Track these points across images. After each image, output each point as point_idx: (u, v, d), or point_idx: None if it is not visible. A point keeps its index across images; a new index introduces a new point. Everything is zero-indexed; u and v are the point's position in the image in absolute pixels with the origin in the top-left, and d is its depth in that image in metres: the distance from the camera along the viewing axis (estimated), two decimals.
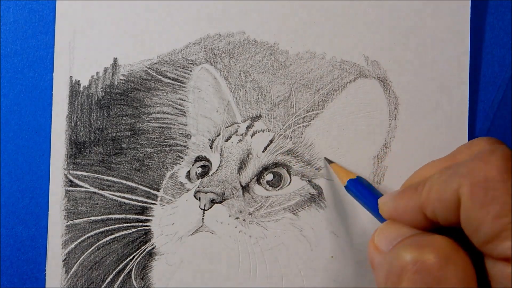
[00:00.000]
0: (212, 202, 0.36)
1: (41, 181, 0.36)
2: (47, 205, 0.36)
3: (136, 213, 0.36)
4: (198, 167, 0.36)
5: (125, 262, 0.36)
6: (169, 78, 0.37)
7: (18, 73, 0.37)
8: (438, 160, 0.25)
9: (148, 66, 0.37)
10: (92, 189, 0.36)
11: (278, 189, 0.36)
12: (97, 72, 0.37)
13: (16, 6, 0.37)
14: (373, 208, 0.30)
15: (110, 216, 0.36)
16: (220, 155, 0.36)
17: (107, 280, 0.36)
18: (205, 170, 0.36)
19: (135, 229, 0.36)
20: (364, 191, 0.32)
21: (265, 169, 0.36)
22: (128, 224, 0.36)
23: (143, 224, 0.36)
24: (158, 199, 0.36)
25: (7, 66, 0.37)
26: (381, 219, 0.28)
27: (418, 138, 0.36)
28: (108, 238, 0.36)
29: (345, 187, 0.34)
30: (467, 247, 0.21)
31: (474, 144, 0.22)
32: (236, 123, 0.37)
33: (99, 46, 0.37)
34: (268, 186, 0.36)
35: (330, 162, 0.36)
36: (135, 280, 0.36)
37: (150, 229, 0.36)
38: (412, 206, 0.23)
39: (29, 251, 0.36)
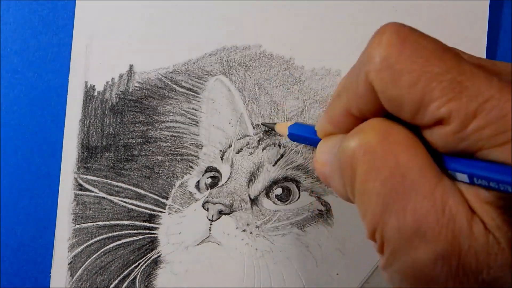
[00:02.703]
0: (220, 213, 0.36)
1: (51, 183, 0.36)
2: (55, 208, 0.36)
3: (144, 220, 0.36)
4: (208, 178, 0.36)
5: (130, 268, 0.36)
6: (183, 87, 0.37)
7: (34, 74, 0.37)
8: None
9: (163, 75, 0.37)
10: (101, 194, 0.36)
11: (287, 204, 0.36)
12: (112, 78, 0.37)
13: (35, 8, 0.37)
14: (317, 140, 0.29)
15: (117, 222, 0.36)
16: (231, 167, 0.36)
17: (112, 286, 0.36)
18: (215, 181, 0.36)
19: (142, 236, 0.36)
20: (305, 130, 0.31)
21: (275, 183, 0.36)
22: (135, 231, 0.36)
23: (150, 231, 0.36)
24: (167, 207, 0.36)
25: (24, 67, 0.37)
26: None
27: None
28: (114, 244, 0.36)
29: (288, 135, 0.33)
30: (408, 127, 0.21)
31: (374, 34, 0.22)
32: (248, 135, 0.37)
33: (115, 52, 0.37)
34: (276, 200, 0.36)
35: (271, 125, 0.35)
36: (139, 287, 0.36)
37: (157, 237, 0.36)
38: (340, 111, 0.23)
39: (35, 252, 0.37)
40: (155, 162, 0.36)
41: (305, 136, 0.31)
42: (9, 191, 0.37)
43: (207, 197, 0.36)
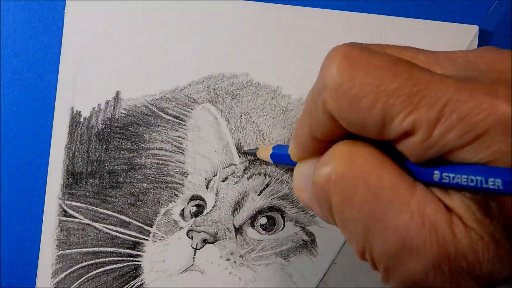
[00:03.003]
0: (204, 241, 0.36)
1: (36, 209, 0.36)
2: (39, 234, 0.36)
3: (128, 248, 0.36)
4: (192, 206, 0.36)
5: None
6: (170, 115, 0.37)
7: (20, 100, 0.37)
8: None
9: (150, 102, 0.37)
10: (86, 221, 0.36)
11: (271, 233, 0.36)
12: (98, 104, 0.37)
13: (22, 32, 0.37)
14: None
15: (101, 248, 0.36)
16: (216, 196, 0.36)
17: None
18: (200, 210, 0.36)
19: (126, 264, 0.36)
20: (283, 154, 0.31)
21: (260, 212, 0.36)
22: (119, 258, 0.36)
23: (134, 259, 0.36)
24: (151, 235, 0.36)
25: (10, 93, 0.37)
26: None
27: None
28: (98, 271, 0.36)
29: (271, 158, 0.33)
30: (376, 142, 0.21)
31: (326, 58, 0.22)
32: (233, 164, 0.37)
33: (102, 79, 0.37)
34: (261, 229, 0.36)
35: (253, 151, 0.36)
36: None
37: (140, 264, 0.36)
38: (306, 137, 0.23)
39: (19, 277, 0.36)
40: (140, 190, 0.36)
41: (284, 161, 0.31)
42: None
43: (191, 226, 0.36)
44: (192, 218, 0.36)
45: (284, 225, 0.36)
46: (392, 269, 0.20)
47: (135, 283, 0.36)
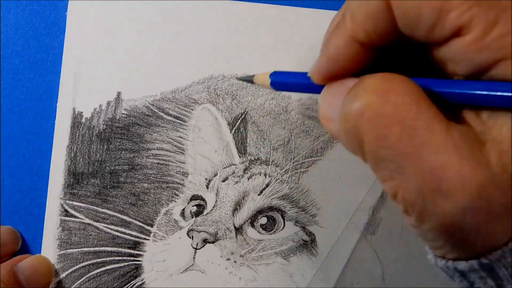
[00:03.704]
0: (205, 241, 0.36)
1: (37, 209, 0.37)
2: (41, 233, 0.36)
3: (129, 247, 0.36)
4: (193, 206, 0.37)
5: None
6: (170, 115, 0.37)
7: (22, 101, 0.37)
8: None
9: (150, 102, 0.37)
10: (87, 221, 0.36)
11: (271, 233, 0.36)
12: (100, 105, 0.37)
13: (23, 32, 0.37)
14: (307, 86, 0.25)
15: (102, 248, 0.36)
16: (216, 195, 0.36)
17: None
18: (200, 209, 0.36)
19: (126, 263, 0.36)
20: (289, 76, 0.27)
21: (260, 212, 0.36)
22: (120, 258, 0.36)
23: (135, 258, 0.36)
24: (151, 235, 0.36)
25: (11, 93, 0.37)
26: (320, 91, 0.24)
27: None
28: (99, 270, 0.36)
29: (271, 84, 0.28)
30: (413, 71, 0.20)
31: None
32: (234, 164, 0.37)
33: (103, 79, 0.37)
34: (261, 229, 0.36)
35: (248, 78, 0.30)
36: None
37: (141, 264, 0.36)
38: (343, 42, 0.21)
39: None
40: (141, 190, 0.37)
41: (292, 84, 0.27)
42: None
43: (192, 225, 0.36)
44: (192, 218, 0.36)
45: (284, 225, 0.36)
46: (427, 212, 0.19)
47: (136, 283, 0.36)
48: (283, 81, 0.27)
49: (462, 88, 0.19)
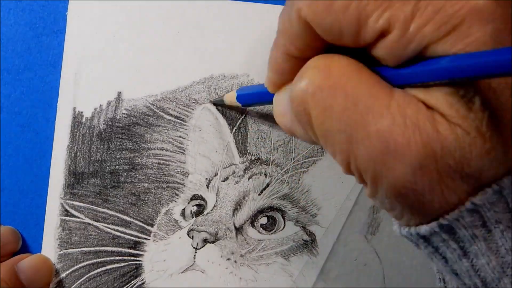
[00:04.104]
0: (205, 241, 0.36)
1: (37, 208, 0.37)
2: (41, 233, 0.36)
3: (129, 247, 0.36)
4: (193, 206, 0.37)
5: None
6: (171, 115, 0.37)
7: (22, 100, 0.37)
8: None
9: (151, 102, 0.37)
10: (87, 220, 0.36)
11: (272, 233, 0.36)
12: (100, 105, 0.37)
13: (23, 33, 0.37)
14: (267, 95, 0.27)
15: (103, 248, 0.36)
16: (216, 195, 0.36)
17: None
18: (200, 209, 0.36)
19: (127, 263, 0.36)
20: (253, 89, 0.31)
21: (260, 212, 0.36)
22: (120, 258, 0.36)
23: (135, 258, 0.36)
24: (152, 234, 0.36)
25: (12, 93, 0.37)
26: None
27: None
28: (99, 270, 0.36)
29: (237, 99, 0.32)
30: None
31: None
32: (234, 164, 0.37)
33: (104, 79, 0.37)
34: (261, 229, 0.36)
35: (219, 99, 0.35)
36: None
37: (141, 264, 0.36)
38: (282, 58, 0.23)
39: None
40: (141, 189, 0.37)
41: (255, 94, 0.30)
42: None
43: (192, 225, 0.36)
44: (192, 217, 0.36)
45: (284, 225, 0.36)
46: (380, 176, 0.20)
47: (136, 283, 0.36)
48: (247, 93, 0.30)
49: (396, 72, 0.20)
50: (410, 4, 0.18)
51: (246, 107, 0.34)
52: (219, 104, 0.36)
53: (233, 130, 0.37)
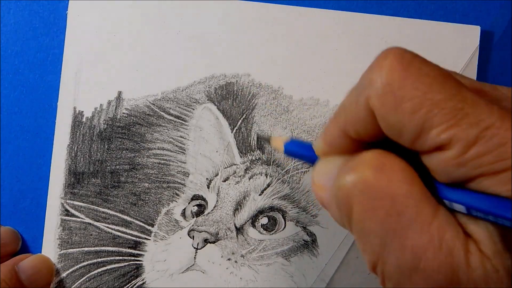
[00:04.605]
0: (206, 241, 0.36)
1: (38, 208, 0.37)
2: (42, 233, 0.36)
3: (129, 247, 0.36)
4: (194, 206, 0.36)
5: None
6: (171, 115, 0.37)
7: (22, 100, 0.37)
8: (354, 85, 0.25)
9: (151, 102, 0.37)
10: (88, 220, 0.36)
11: (272, 233, 0.36)
12: (100, 104, 0.37)
13: (23, 32, 0.37)
14: (312, 158, 0.28)
15: (103, 248, 0.36)
16: (217, 195, 0.36)
17: None
18: (201, 209, 0.36)
19: (127, 263, 0.36)
20: (300, 147, 0.30)
21: (261, 212, 0.36)
22: (121, 258, 0.36)
23: (135, 258, 0.36)
24: (152, 234, 0.36)
25: (12, 93, 0.37)
26: None
27: None
28: (99, 270, 0.36)
29: (284, 152, 0.31)
30: (404, 155, 0.21)
31: (377, 57, 0.22)
32: (235, 164, 0.37)
33: (104, 79, 0.37)
34: (262, 229, 0.36)
35: (266, 137, 0.34)
36: None
37: (142, 264, 0.36)
38: (338, 133, 0.23)
39: None
40: (141, 189, 0.37)
41: (301, 153, 0.29)
42: None
43: (192, 225, 0.36)
44: (193, 217, 0.36)
45: (285, 225, 0.36)
46: (402, 287, 0.20)
47: (136, 283, 0.36)
48: (295, 148, 0.30)
49: (447, 191, 0.20)
50: (477, 129, 0.18)
51: (287, 156, 0.34)
52: (262, 139, 0.36)
53: (234, 130, 0.37)
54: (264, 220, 0.36)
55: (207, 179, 0.37)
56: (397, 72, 0.19)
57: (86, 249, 0.36)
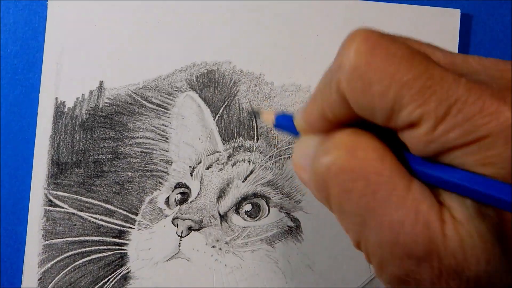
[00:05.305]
0: (190, 229, 0.36)
1: (21, 199, 0.37)
2: (25, 224, 0.36)
3: (113, 236, 0.36)
4: (177, 194, 0.37)
5: (100, 284, 0.36)
6: (153, 103, 0.37)
7: (3, 91, 0.37)
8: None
9: (133, 91, 0.37)
10: (71, 210, 0.36)
11: (256, 220, 0.36)
12: (82, 94, 0.37)
13: (4, 24, 0.37)
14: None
15: (87, 237, 0.36)
16: (200, 183, 0.36)
17: None
18: (184, 197, 0.36)
19: (112, 252, 0.36)
20: (290, 121, 0.31)
21: (244, 199, 0.36)
22: (105, 247, 0.36)
23: (120, 247, 0.36)
24: (136, 223, 0.36)
25: None
26: None
27: None
28: (84, 260, 0.36)
29: (274, 125, 0.32)
30: (382, 130, 0.21)
31: (345, 40, 0.22)
32: (217, 151, 0.37)
33: (86, 68, 0.37)
34: (246, 216, 0.36)
35: (256, 111, 0.35)
36: None
37: (126, 252, 0.36)
38: (316, 114, 0.23)
39: (5, 267, 0.37)
40: (125, 178, 0.37)
41: (290, 128, 0.30)
42: None
43: (176, 213, 0.36)
44: (177, 205, 0.36)
45: (269, 212, 0.36)
46: (386, 263, 0.20)
47: (121, 271, 0.36)
48: (284, 120, 0.29)
49: (420, 165, 0.21)
50: (444, 107, 0.19)
51: (276, 129, 0.34)
52: (254, 113, 0.36)
53: (216, 118, 0.37)
54: (247, 207, 0.36)
55: (190, 167, 0.37)
56: (363, 54, 0.20)
57: (70, 239, 0.36)
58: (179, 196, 0.36)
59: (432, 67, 0.19)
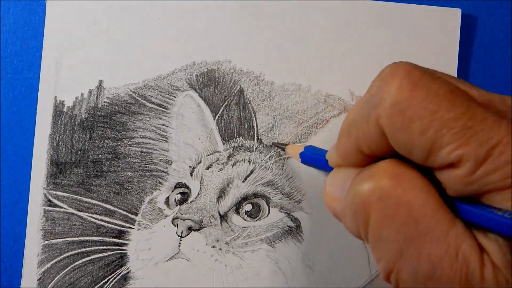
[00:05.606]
0: (190, 229, 0.36)
1: (21, 199, 0.36)
2: (25, 224, 0.36)
3: (113, 236, 0.36)
4: (177, 194, 0.36)
5: (100, 285, 0.36)
6: (153, 103, 0.37)
7: (2, 90, 0.37)
8: (361, 98, 0.25)
9: (133, 90, 0.37)
10: (71, 210, 0.36)
11: (256, 220, 0.36)
12: (81, 94, 0.37)
13: (5, 23, 0.37)
14: (327, 168, 0.28)
15: (87, 238, 0.36)
16: (200, 183, 0.36)
17: None
18: (184, 197, 0.36)
19: (111, 252, 0.36)
20: (316, 156, 0.31)
21: (244, 199, 0.36)
22: (105, 247, 0.36)
23: (120, 247, 0.36)
24: (136, 223, 0.36)
25: None
26: None
27: None
28: (84, 260, 0.36)
29: (301, 158, 0.33)
30: (418, 167, 0.21)
31: (381, 73, 0.22)
32: (217, 151, 0.37)
33: (85, 68, 0.37)
34: (246, 216, 0.36)
35: (282, 145, 0.35)
36: None
37: (126, 253, 0.36)
38: (350, 148, 0.23)
39: (5, 267, 0.37)
40: (124, 178, 0.36)
41: (317, 164, 0.30)
42: None
43: (176, 213, 0.36)
44: (177, 205, 0.36)
45: (269, 212, 0.36)
46: None
47: (121, 272, 0.36)
48: (311, 156, 0.31)
49: (463, 203, 0.21)
50: (485, 148, 0.19)
51: (304, 164, 0.34)
52: (278, 147, 0.36)
53: (216, 117, 0.37)
54: (248, 207, 0.36)
55: (190, 166, 0.37)
56: (405, 91, 0.19)
57: (70, 239, 0.36)
58: (179, 196, 0.36)
59: (473, 107, 0.19)
